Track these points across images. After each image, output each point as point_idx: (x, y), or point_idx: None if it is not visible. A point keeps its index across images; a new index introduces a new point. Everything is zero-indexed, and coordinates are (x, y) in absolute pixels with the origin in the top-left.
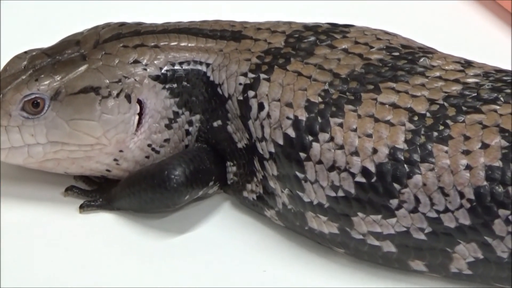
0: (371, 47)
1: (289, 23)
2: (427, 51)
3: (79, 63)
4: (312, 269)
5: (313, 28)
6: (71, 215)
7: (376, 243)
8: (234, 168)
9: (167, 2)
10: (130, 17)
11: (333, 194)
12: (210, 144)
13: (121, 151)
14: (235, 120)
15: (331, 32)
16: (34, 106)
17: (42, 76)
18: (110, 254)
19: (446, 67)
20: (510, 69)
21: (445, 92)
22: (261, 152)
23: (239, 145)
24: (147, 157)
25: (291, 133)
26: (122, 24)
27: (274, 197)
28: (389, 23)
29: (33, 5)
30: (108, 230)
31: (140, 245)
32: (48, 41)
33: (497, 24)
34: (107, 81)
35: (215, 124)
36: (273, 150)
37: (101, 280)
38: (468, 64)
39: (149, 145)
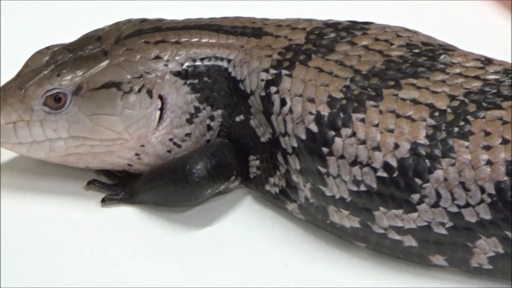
0: (392, 44)
1: (309, 20)
2: (448, 49)
3: (101, 59)
4: (333, 263)
5: (333, 25)
6: (92, 209)
7: (397, 237)
8: (257, 162)
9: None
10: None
11: (355, 188)
12: (232, 138)
13: (142, 145)
14: (258, 115)
15: (351, 29)
16: (56, 101)
17: (64, 71)
18: (131, 248)
19: (467, 64)
20: None
21: (466, 89)
22: (284, 146)
23: (262, 139)
24: (169, 151)
25: (314, 128)
26: (143, 20)
27: (297, 191)
28: (408, 21)
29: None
30: (130, 224)
31: (161, 239)
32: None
33: None
34: (129, 76)
35: (237, 119)
36: (295, 145)
37: (123, 274)
38: (488, 61)
39: (170, 140)
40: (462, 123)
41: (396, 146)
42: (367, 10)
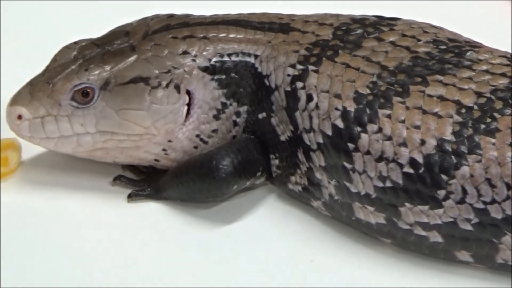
0: (418, 40)
1: (337, 15)
2: (474, 45)
3: (129, 54)
4: (359, 259)
5: (361, 21)
6: (119, 204)
7: (423, 233)
8: (277, 161)
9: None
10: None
11: (380, 184)
12: (256, 135)
13: (169, 141)
14: (280, 112)
15: (378, 25)
16: (84, 96)
17: (92, 66)
18: (157, 244)
19: (493, 61)
20: None
21: (492, 86)
22: (308, 143)
23: (282, 138)
24: (195, 147)
25: (340, 124)
26: (171, 16)
27: (320, 188)
28: (434, 18)
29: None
30: (156, 220)
31: (187, 234)
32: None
33: None
34: (157, 71)
35: (260, 116)
36: (321, 141)
37: (148, 269)
38: None
39: (197, 135)
40: (488, 120)
41: (423, 142)
42: (395, 6)
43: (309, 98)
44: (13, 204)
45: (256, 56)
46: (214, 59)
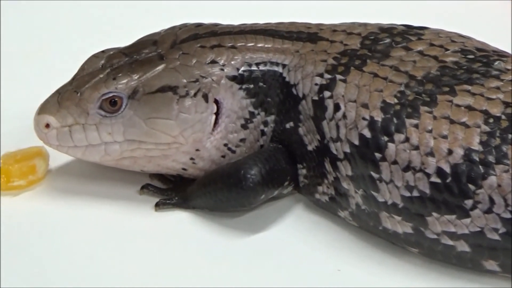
0: (446, 50)
1: (365, 24)
2: (502, 55)
3: (157, 63)
4: (386, 268)
5: (388, 30)
6: (146, 213)
7: (450, 242)
8: (304, 171)
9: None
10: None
11: (407, 194)
12: (284, 145)
13: (197, 150)
14: (307, 122)
15: (406, 34)
16: (112, 105)
17: (120, 75)
18: (184, 252)
19: None
20: None
21: None
22: (335, 152)
23: (309, 148)
24: (223, 156)
25: (367, 133)
26: (199, 25)
27: (347, 198)
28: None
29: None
30: (183, 229)
31: (214, 244)
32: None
33: None
34: (185, 80)
35: (287, 125)
36: (348, 150)
37: (176, 278)
38: None
39: (225, 145)
40: None
41: (450, 152)
42: (424, 13)
43: (337, 107)
44: (40, 212)
45: (284, 66)
46: (242, 69)
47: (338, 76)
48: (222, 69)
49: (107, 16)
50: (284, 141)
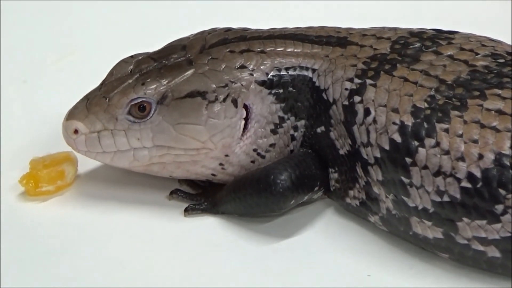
0: (477, 54)
1: (395, 29)
2: None
3: (186, 68)
4: (416, 274)
5: (419, 35)
6: (175, 218)
7: (481, 248)
8: (336, 175)
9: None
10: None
11: (438, 199)
12: (314, 149)
13: (226, 155)
14: (338, 126)
15: (436, 39)
16: (141, 110)
17: (149, 80)
18: (214, 258)
19: None
20: None
21: None
22: (366, 157)
23: (341, 152)
24: (253, 161)
25: (397, 138)
26: (228, 30)
27: (378, 203)
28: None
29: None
30: (213, 234)
31: (244, 249)
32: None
33: None
34: (214, 85)
35: (318, 130)
36: (378, 155)
37: (205, 284)
38: None
39: (254, 150)
40: None
41: (481, 156)
42: (454, 17)
43: (367, 112)
44: (69, 217)
45: (313, 70)
46: (272, 73)
47: (368, 81)
48: (252, 74)
49: (137, 21)
50: (315, 146)
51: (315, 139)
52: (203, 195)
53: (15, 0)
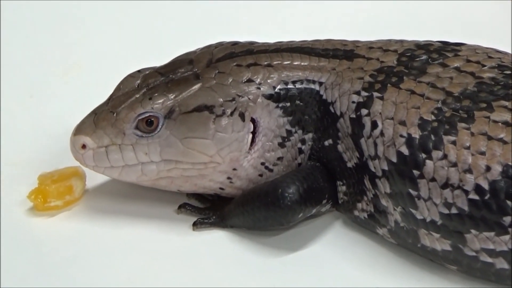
0: (483, 66)
1: (401, 41)
2: None
3: (193, 82)
4: (424, 286)
5: (425, 47)
6: (184, 232)
7: (489, 260)
8: (344, 188)
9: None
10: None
11: (446, 211)
12: (322, 162)
13: (234, 169)
14: (346, 139)
15: (443, 51)
16: (148, 125)
17: (156, 94)
18: (223, 271)
19: None
20: None
21: None
22: (373, 170)
23: (349, 165)
24: (260, 175)
25: (405, 150)
26: (234, 43)
27: (386, 215)
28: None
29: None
30: (222, 248)
31: (253, 262)
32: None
33: None
34: (221, 99)
35: (326, 143)
36: (386, 167)
37: None
38: None
39: (262, 163)
40: None
41: (488, 168)
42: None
43: (374, 125)
44: (78, 232)
45: (320, 83)
46: (279, 87)
47: (375, 94)
48: (259, 88)
49: (143, 35)
50: (322, 159)
51: (323, 152)
52: (211, 209)
53: (21, 15)
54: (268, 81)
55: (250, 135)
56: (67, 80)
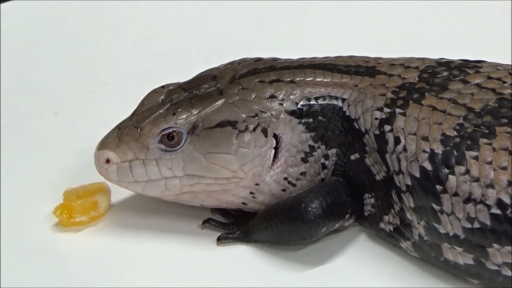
0: (504, 82)
1: (422, 59)
2: None
3: (216, 98)
4: None
5: (446, 64)
6: (208, 247)
7: (511, 274)
8: (372, 200)
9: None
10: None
11: (468, 225)
12: (347, 177)
13: (257, 184)
14: (373, 153)
15: (464, 67)
16: (172, 140)
17: (180, 110)
18: (248, 286)
19: None
20: None
21: None
22: (398, 184)
23: (377, 178)
24: (283, 190)
25: (428, 166)
26: (258, 60)
27: (411, 229)
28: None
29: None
30: (246, 263)
31: (277, 277)
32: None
33: None
34: (244, 115)
35: (352, 157)
36: (409, 182)
37: None
38: None
39: (285, 179)
40: None
41: (510, 183)
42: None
43: (397, 140)
44: (103, 248)
45: (343, 100)
46: (301, 103)
47: (398, 110)
48: (281, 104)
49: (167, 51)
50: (348, 173)
51: (349, 166)
52: (235, 224)
53: (47, 33)
54: (291, 97)
55: (273, 151)
56: (92, 98)
